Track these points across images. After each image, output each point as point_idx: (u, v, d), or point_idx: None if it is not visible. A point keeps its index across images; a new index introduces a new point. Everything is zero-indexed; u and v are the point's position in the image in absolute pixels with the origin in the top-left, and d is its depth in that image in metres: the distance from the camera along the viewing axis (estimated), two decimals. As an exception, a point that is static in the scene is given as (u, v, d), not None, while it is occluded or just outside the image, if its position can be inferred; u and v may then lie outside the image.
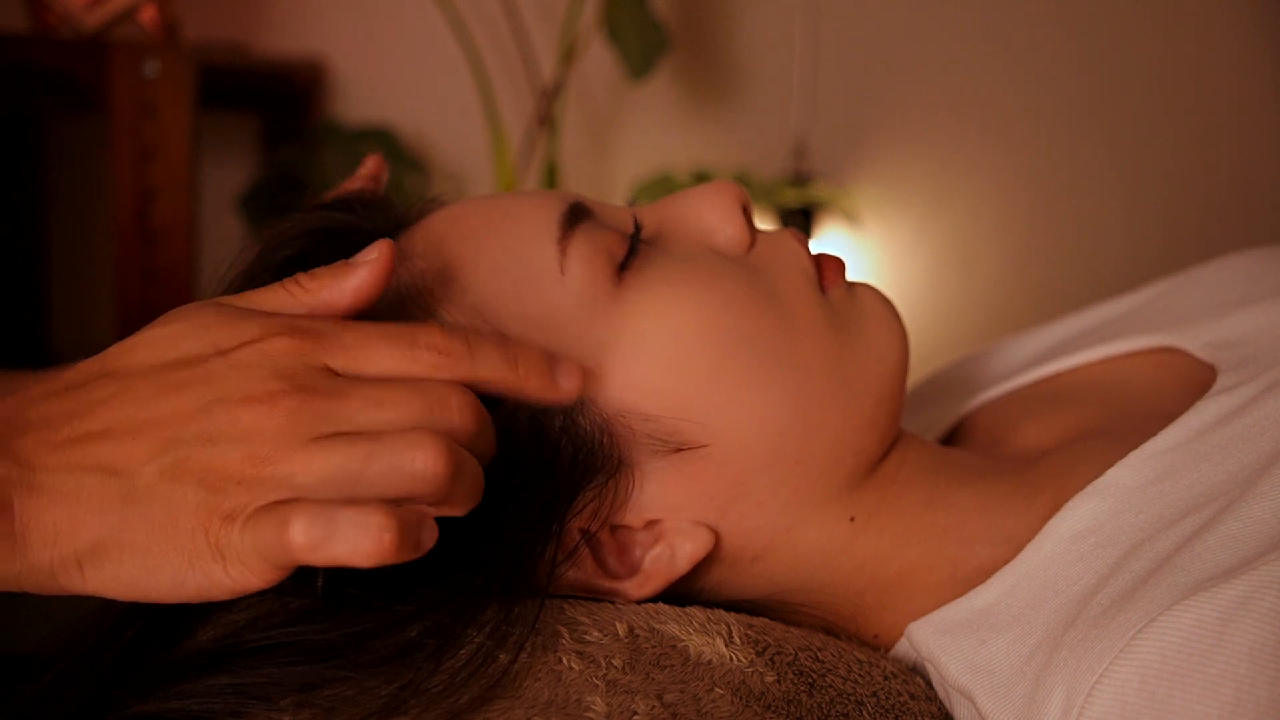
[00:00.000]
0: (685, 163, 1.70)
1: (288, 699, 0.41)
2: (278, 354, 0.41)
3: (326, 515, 0.38)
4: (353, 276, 0.44)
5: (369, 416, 0.41)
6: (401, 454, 0.39)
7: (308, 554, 0.38)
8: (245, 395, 0.40)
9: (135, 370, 0.41)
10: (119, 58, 1.21)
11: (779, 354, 0.51)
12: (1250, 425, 0.49)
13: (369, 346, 0.42)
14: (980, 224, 1.82)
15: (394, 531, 0.38)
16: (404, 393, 0.41)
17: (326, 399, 0.40)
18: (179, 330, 0.42)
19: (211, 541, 0.39)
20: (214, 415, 0.40)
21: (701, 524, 0.50)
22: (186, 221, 1.25)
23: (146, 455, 0.39)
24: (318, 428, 0.40)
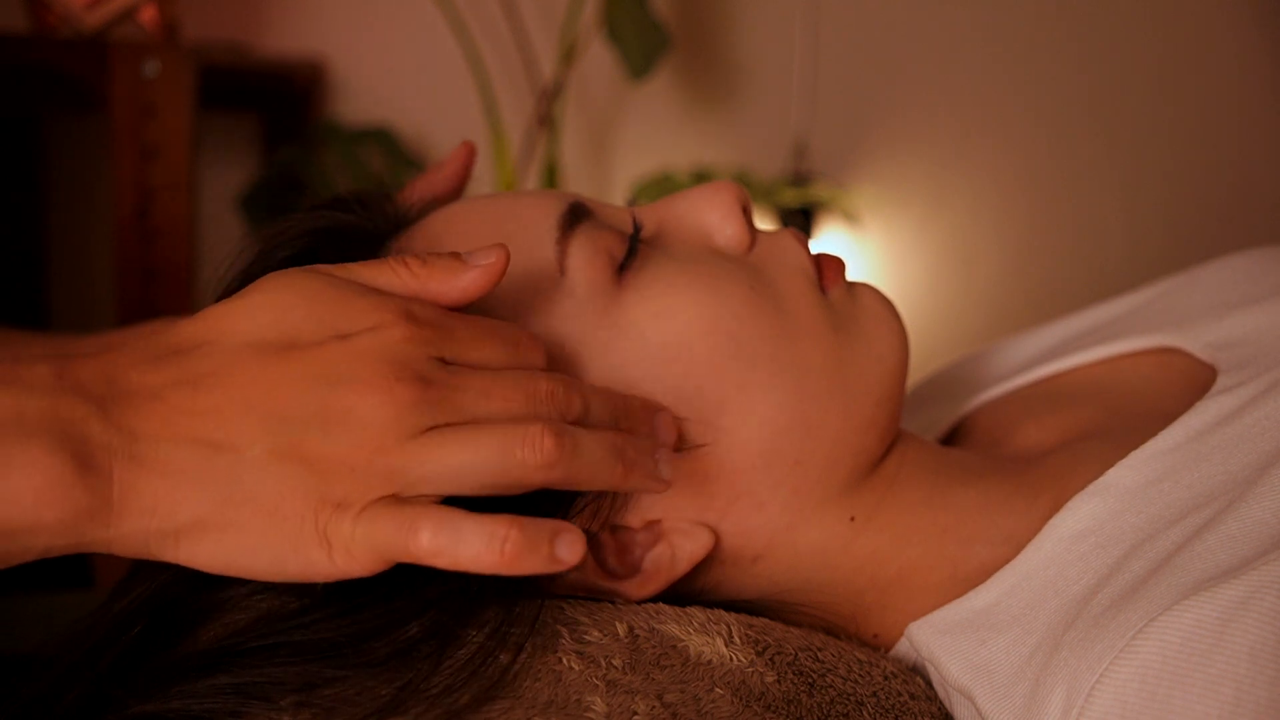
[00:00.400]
0: (685, 163, 1.70)
1: (288, 699, 0.41)
2: (397, 342, 0.40)
3: (453, 523, 0.39)
4: (466, 275, 0.44)
5: (482, 406, 0.41)
6: (512, 442, 0.40)
7: (431, 558, 0.39)
8: (363, 382, 0.39)
9: (242, 340, 0.40)
10: (119, 58, 1.21)
11: (779, 354, 0.51)
12: (1250, 425, 0.49)
13: (482, 349, 0.43)
14: (980, 224, 1.82)
15: (517, 543, 0.39)
16: (508, 383, 0.42)
17: (442, 391, 0.40)
18: (284, 301, 0.41)
19: (319, 528, 0.39)
20: (329, 400, 0.39)
21: (701, 524, 0.50)
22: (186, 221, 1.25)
23: (256, 434, 0.39)
24: (433, 419, 0.40)
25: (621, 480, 0.43)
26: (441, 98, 1.71)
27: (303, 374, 0.39)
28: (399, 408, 0.39)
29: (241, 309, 0.41)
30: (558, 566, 0.40)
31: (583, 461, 0.42)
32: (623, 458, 0.43)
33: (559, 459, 0.41)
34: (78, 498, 0.37)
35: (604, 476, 0.43)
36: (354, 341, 0.40)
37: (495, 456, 0.40)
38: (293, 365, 0.40)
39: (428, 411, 0.40)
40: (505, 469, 0.40)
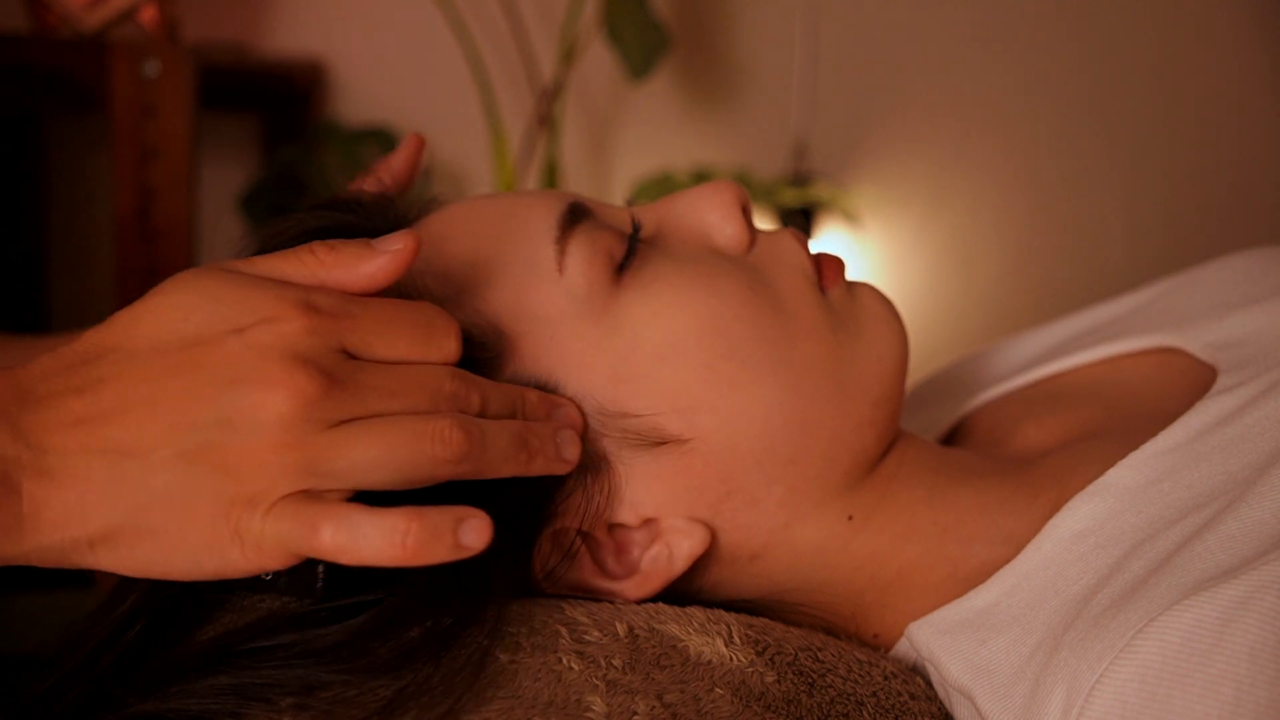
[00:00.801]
0: (685, 163, 1.70)
1: (287, 700, 0.41)
2: (296, 334, 0.40)
3: (351, 520, 0.39)
4: (372, 261, 0.43)
5: (385, 403, 0.41)
6: (422, 440, 0.40)
7: (335, 555, 0.39)
8: (264, 378, 0.39)
9: (145, 345, 0.40)
10: (119, 58, 1.21)
11: (776, 353, 0.51)
12: (1250, 425, 0.49)
13: (387, 333, 0.42)
14: (980, 224, 1.82)
15: (417, 535, 0.39)
16: (412, 380, 0.42)
17: (344, 385, 0.40)
18: (188, 301, 0.41)
19: (231, 526, 0.39)
20: (232, 398, 0.39)
21: (698, 521, 0.50)
22: (186, 221, 1.25)
23: (161, 438, 0.39)
24: (337, 414, 0.40)
25: (527, 466, 0.44)
26: (441, 98, 1.71)
27: (203, 373, 0.39)
28: (301, 402, 0.39)
29: (144, 312, 0.41)
30: (464, 553, 0.40)
31: (490, 453, 0.42)
32: (526, 446, 0.44)
33: (469, 452, 0.41)
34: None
35: (510, 465, 0.43)
36: (250, 335, 0.40)
37: (405, 451, 0.40)
38: (193, 365, 0.39)
39: (332, 405, 0.40)
40: (416, 463, 0.40)
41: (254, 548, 0.39)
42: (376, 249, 0.43)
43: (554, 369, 0.49)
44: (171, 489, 0.39)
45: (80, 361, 0.40)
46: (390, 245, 0.43)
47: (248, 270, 0.43)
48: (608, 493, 0.50)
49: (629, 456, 0.49)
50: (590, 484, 0.49)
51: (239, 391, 0.39)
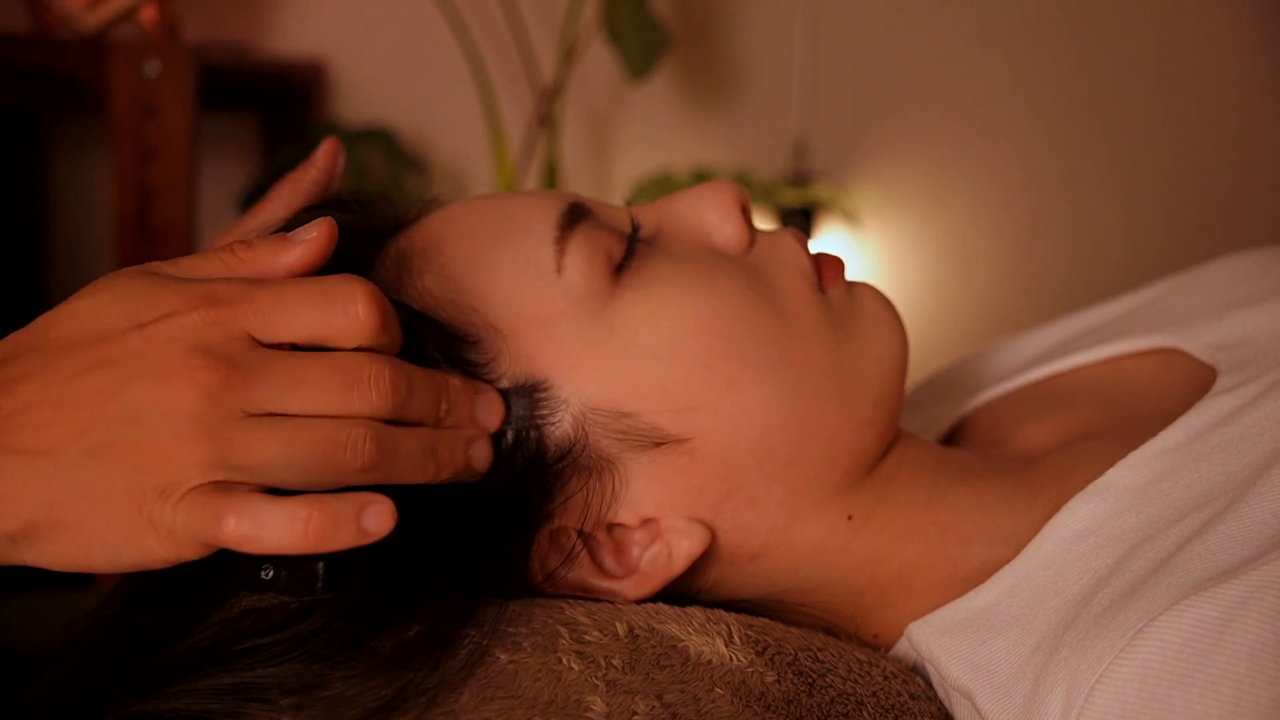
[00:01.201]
0: (685, 163, 1.70)
1: (287, 699, 0.41)
2: (196, 326, 0.40)
3: (254, 510, 0.39)
4: (289, 253, 0.44)
5: (290, 395, 0.41)
6: (332, 449, 0.40)
7: (240, 545, 0.40)
8: (163, 371, 0.39)
9: (57, 345, 0.41)
10: (119, 58, 1.21)
11: (776, 353, 0.51)
12: (1250, 426, 0.49)
13: (287, 308, 0.42)
14: (980, 224, 1.82)
15: (319, 522, 0.40)
16: (324, 369, 0.41)
17: (246, 374, 0.40)
18: (102, 301, 0.41)
19: (145, 517, 0.40)
20: (134, 393, 0.39)
21: (697, 521, 0.50)
22: (186, 221, 1.25)
23: (70, 435, 0.39)
24: (243, 404, 0.40)
25: (434, 477, 0.44)
26: (441, 98, 1.71)
27: (108, 370, 0.40)
28: (203, 393, 0.39)
29: (61, 313, 0.42)
30: (368, 538, 0.41)
31: (398, 464, 0.42)
32: (435, 457, 0.44)
33: (379, 462, 0.41)
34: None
35: (418, 475, 0.43)
36: (151, 329, 0.40)
37: (315, 456, 0.40)
38: (99, 363, 0.40)
39: (235, 394, 0.40)
40: (324, 468, 0.41)
41: (167, 537, 0.40)
42: (292, 240, 0.44)
43: (552, 369, 0.49)
44: (84, 484, 0.39)
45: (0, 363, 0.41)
46: (305, 235, 0.44)
47: (168, 270, 0.43)
48: (608, 493, 0.50)
49: (629, 457, 0.49)
50: (591, 485, 0.49)
51: (141, 386, 0.39)
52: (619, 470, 0.49)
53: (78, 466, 0.39)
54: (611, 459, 0.49)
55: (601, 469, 0.49)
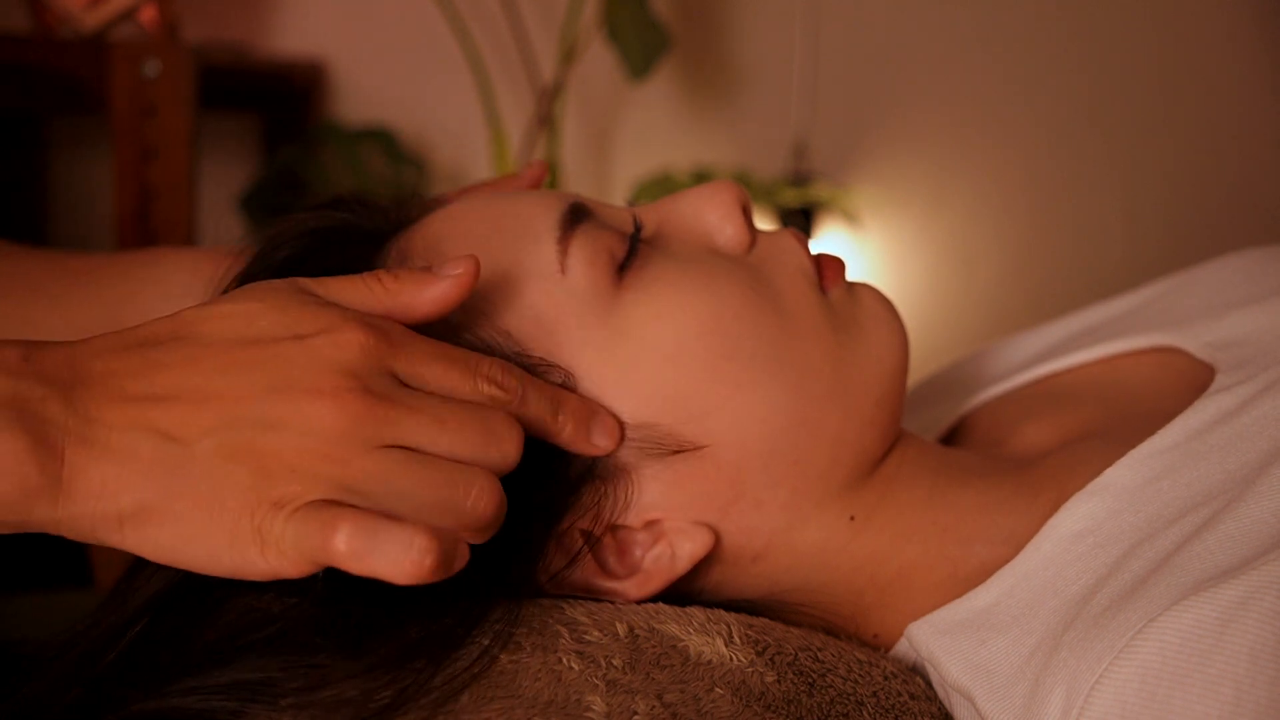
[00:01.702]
0: (685, 163, 1.70)
1: (288, 699, 0.41)
2: (351, 349, 0.41)
3: (371, 528, 0.39)
4: (436, 286, 0.45)
5: (430, 435, 0.41)
6: (459, 490, 0.40)
7: (347, 561, 0.39)
8: (313, 386, 0.40)
9: (208, 339, 0.41)
10: (119, 58, 1.21)
11: (778, 354, 0.51)
12: (1249, 424, 0.49)
13: (436, 363, 0.43)
14: (980, 224, 1.82)
15: (435, 555, 0.39)
16: (466, 418, 0.42)
17: (392, 407, 0.41)
18: (256, 308, 0.42)
19: (255, 525, 0.39)
20: (280, 400, 0.40)
21: (701, 524, 0.50)
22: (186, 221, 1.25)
23: (206, 428, 0.39)
24: (379, 435, 0.40)
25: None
26: (441, 98, 1.71)
27: (258, 373, 0.40)
28: (348, 418, 0.40)
29: (212, 311, 0.42)
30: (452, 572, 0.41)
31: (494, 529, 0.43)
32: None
33: (494, 523, 0.42)
34: (28, 474, 0.38)
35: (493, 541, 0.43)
36: (309, 343, 0.41)
37: (440, 499, 0.40)
38: (250, 364, 0.40)
39: (377, 427, 0.40)
40: (444, 512, 0.41)
41: (274, 549, 0.39)
42: (439, 274, 0.45)
43: (567, 376, 0.49)
44: (206, 479, 0.39)
45: (140, 344, 0.41)
46: (452, 271, 0.45)
47: (318, 290, 0.44)
48: (621, 500, 0.50)
49: (644, 463, 0.49)
50: (604, 490, 0.49)
51: (289, 396, 0.40)
52: (634, 475, 0.49)
53: (205, 460, 0.39)
54: (628, 467, 0.49)
55: (617, 477, 0.49)
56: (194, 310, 0.42)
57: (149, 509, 0.39)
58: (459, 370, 0.43)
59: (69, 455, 0.39)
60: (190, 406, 0.40)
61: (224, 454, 0.39)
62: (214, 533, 0.39)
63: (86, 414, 0.39)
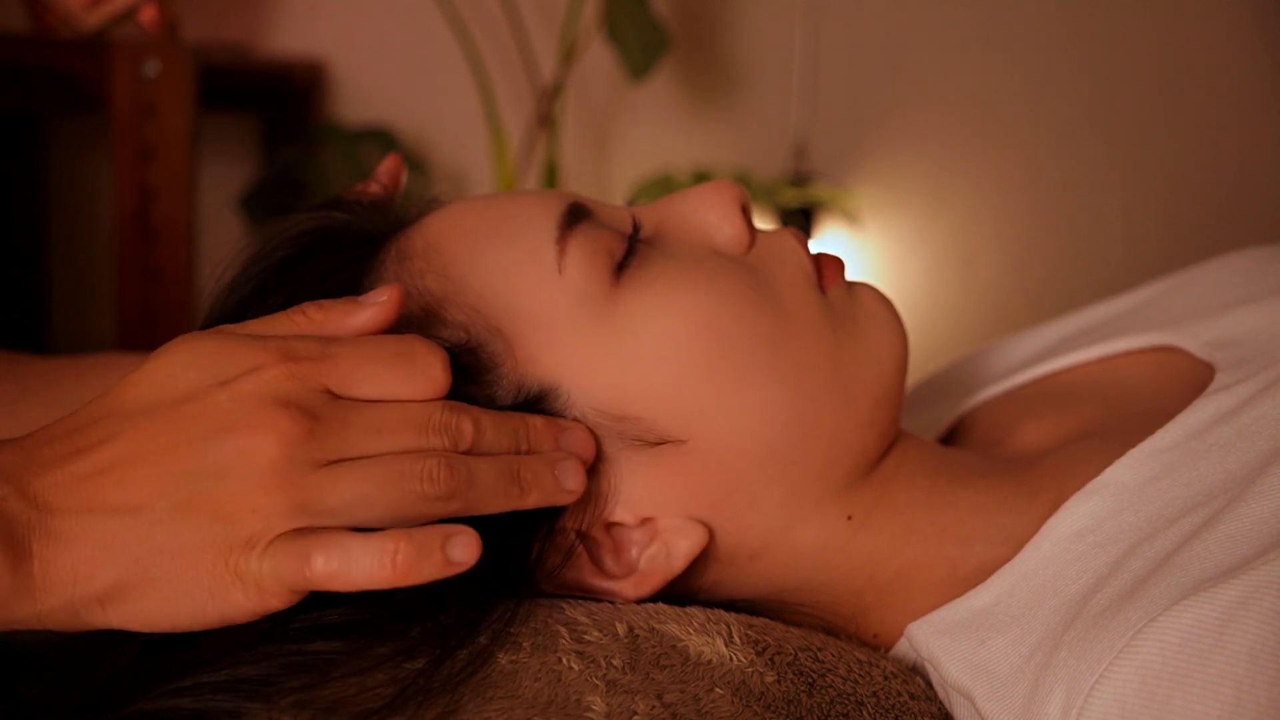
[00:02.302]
0: (685, 163, 1.70)
1: (287, 698, 0.41)
2: (275, 379, 0.42)
3: (342, 546, 0.40)
4: (360, 315, 0.45)
5: (369, 440, 0.42)
6: (411, 481, 0.41)
7: (328, 583, 0.40)
8: (247, 424, 0.40)
9: (139, 406, 0.42)
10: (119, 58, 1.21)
11: (776, 353, 0.51)
12: (1249, 424, 0.49)
13: (367, 365, 0.43)
14: (980, 224, 1.82)
15: (406, 554, 0.40)
16: (402, 416, 0.43)
17: (328, 425, 0.41)
18: (180, 361, 0.42)
19: (231, 570, 0.40)
20: (219, 447, 0.40)
21: (696, 520, 0.50)
22: (186, 221, 1.25)
23: (157, 492, 0.40)
24: (323, 454, 0.41)
25: (520, 500, 0.45)
26: (441, 98, 1.71)
27: (193, 427, 0.41)
28: (286, 444, 0.40)
29: (140, 377, 0.43)
30: (454, 569, 0.42)
31: (479, 489, 0.43)
32: (519, 480, 0.44)
33: (455, 490, 0.42)
34: (3, 577, 0.39)
35: (502, 500, 0.44)
36: (234, 386, 0.41)
37: (392, 490, 0.41)
38: (183, 420, 0.41)
39: (317, 445, 0.41)
40: (404, 502, 0.41)
41: (255, 588, 0.40)
42: (363, 303, 0.45)
43: (555, 371, 0.49)
44: (172, 539, 0.40)
45: (82, 426, 0.42)
46: (376, 299, 0.45)
47: (240, 331, 0.44)
48: (604, 492, 0.50)
49: (627, 456, 0.49)
50: (589, 484, 0.49)
51: (226, 440, 0.40)
52: (615, 469, 0.50)
53: (165, 522, 0.40)
54: (608, 458, 0.49)
55: (600, 469, 0.49)
56: (123, 381, 0.43)
57: (125, 584, 0.40)
58: (392, 370, 0.44)
59: (36, 549, 0.39)
60: (137, 474, 0.40)
61: (181, 511, 0.40)
62: (193, 589, 0.40)
63: (45, 505, 0.40)
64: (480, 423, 0.45)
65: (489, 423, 0.45)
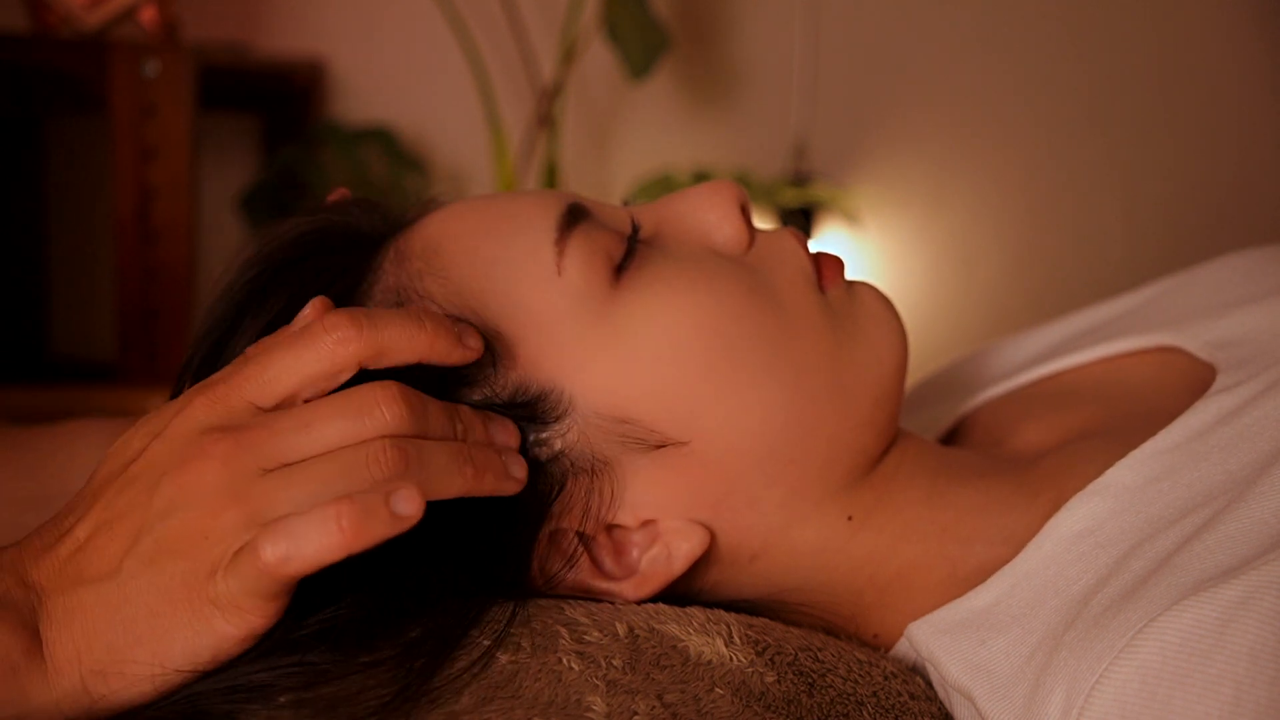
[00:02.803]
0: (685, 163, 1.70)
1: (287, 697, 0.41)
2: (197, 410, 0.43)
3: (285, 529, 0.40)
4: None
5: (301, 440, 0.42)
6: (356, 470, 0.41)
7: (284, 567, 0.39)
8: (181, 460, 0.41)
9: (100, 483, 0.44)
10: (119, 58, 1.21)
11: (776, 353, 0.51)
12: (1250, 425, 0.49)
13: (274, 364, 0.43)
14: (980, 224, 1.82)
15: (351, 516, 0.39)
16: (332, 409, 0.42)
17: (254, 433, 0.42)
18: (127, 435, 0.44)
19: (207, 599, 0.40)
20: (164, 491, 0.41)
21: (697, 523, 0.50)
22: (186, 221, 1.25)
23: (122, 550, 0.41)
24: (261, 461, 0.41)
25: (475, 482, 0.44)
26: (441, 98, 1.71)
27: (139, 481, 0.42)
28: (221, 464, 0.41)
29: (105, 456, 0.45)
30: (403, 523, 0.41)
31: (431, 470, 0.42)
32: (472, 461, 0.44)
33: (405, 468, 0.41)
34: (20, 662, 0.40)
35: (457, 481, 0.43)
36: (165, 433, 0.43)
37: (339, 481, 0.41)
38: (132, 479, 0.42)
39: (251, 455, 0.41)
40: (357, 489, 0.41)
41: (231, 609, 0.40)
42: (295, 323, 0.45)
43: (555, 372, 0.49)
44: (146, 591, 0.41)
45: (65, 513, 0.44)
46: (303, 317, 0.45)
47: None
48: (608, 495, 0.50)
49: (629, 459, 0.49)
50: (590, 486, 0.49)
51: (166, 482, 0.41)
52: (616, 472, 0.49)
53: (135, 576, 0.41)
54: (609, 461, 0.49)
55: (599, 471, 0.49)
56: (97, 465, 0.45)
57: (117, 648, 0.41)
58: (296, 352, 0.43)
59: (44, 633, 0.41)
60: (101, 542, 0.42)
61: (146, 561, 0.41)
62: (178, 631, 0.40)
63: (40, 589, 0.41)
64: (427, 404, 0.44)
65: (435, 406, 0.44)
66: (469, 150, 1.71)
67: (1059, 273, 1.83)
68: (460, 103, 1.67)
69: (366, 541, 0.40)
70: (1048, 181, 1.81)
